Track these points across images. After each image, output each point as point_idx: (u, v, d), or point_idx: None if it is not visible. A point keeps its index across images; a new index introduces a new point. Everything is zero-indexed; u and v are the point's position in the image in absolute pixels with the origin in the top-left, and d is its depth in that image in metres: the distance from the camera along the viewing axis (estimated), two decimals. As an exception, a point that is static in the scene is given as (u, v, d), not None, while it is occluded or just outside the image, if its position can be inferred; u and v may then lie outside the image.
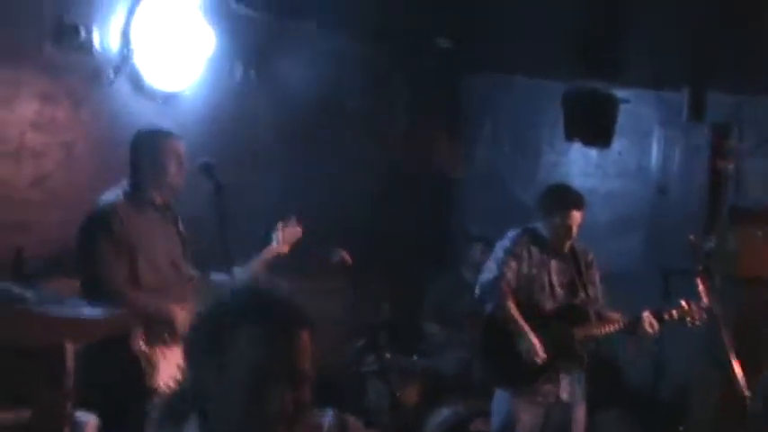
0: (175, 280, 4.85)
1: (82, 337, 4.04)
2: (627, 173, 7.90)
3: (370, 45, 7.34)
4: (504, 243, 5.66)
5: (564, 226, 5.55)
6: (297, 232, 5.21)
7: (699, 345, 6.62)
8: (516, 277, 5.56)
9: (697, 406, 6.77)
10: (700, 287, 5.58)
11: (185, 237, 4.95)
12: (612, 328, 5.64)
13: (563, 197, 5.67)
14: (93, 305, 4.19)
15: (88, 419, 4.52)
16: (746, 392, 5.10)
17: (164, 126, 4.96)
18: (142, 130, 4.88)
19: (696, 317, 5.64)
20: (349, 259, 5.51)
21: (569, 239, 5.63)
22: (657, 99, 7.72)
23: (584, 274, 5.71)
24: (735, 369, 5.16)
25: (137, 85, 5.78)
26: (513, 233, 5.69)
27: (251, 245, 5.06)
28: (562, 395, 5.57)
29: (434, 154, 8.16)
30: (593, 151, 7.76)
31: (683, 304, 5.67)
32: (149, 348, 4.66)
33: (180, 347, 4.67)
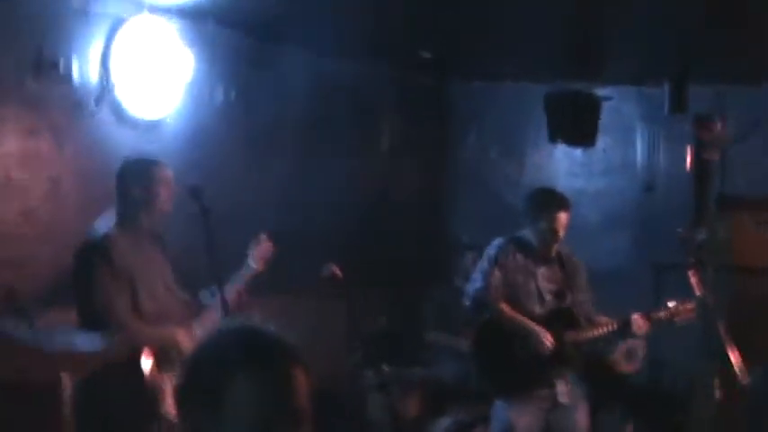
0: (172, 305, 4.86)
1: (78, 369, 4.03)
2: (613, 170, 7.94)
3: (353, 61, 7.34)
4: (489, 252, 5.65)
5: (550, 229, 5.54)
6: (269, 248, 5.15)
7: (696, 338, 6.62)
8: (502, 286, 5.56)
9: (697, 399, 6.76)
10: (692, 280, 5.57)
11: (175, 261, 4.97)
12: (602, 331, 5.62)
13: (548, 200, 5.65)
14: (87, 335, 4.16)
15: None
16: (745, 382, 5.10)
17: (147, 154, 4.98)
18: (129, 158, 4.88)
19: (684, 316, 5.63)
20: (340, 274, 5.50)
21: (556, 242, 5.62)
22: (639, 94, 7.77)
23: (571, 279, 5.70)
24: (732, 359, 5.16)
25: (118, 114, 5.76)
26: (497, 242, 5.68)
27: (236, 267, 5.02)
28: (560, 399, 5.56)
29: (423, 164, 8.17)
30: (577, 151, 7.80)
31: (669, 306, 5.65)
32: (157, 374, 4.64)
33: None
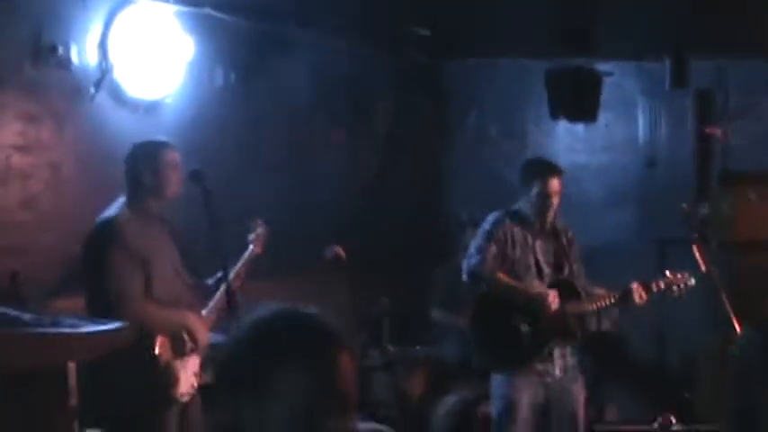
0: (182, 289, 4.88)
1: (84, 356, 4.00)
2: (614, 146, 7.91)
3: (351, 41, 7.31)
4: (485, 227, 5.65)
5: (543, 194, 5.54)
6: (266, 231, 5.21)
7: (700, 312, 6.63)
8: (499, 261, 5.54)
9: (702, 373, 6.77)
10: (696, 255, 5.57)
11: (183, 244, 4.96)
12: (603, 302, 5.63)
13: (540, 165, 5.73)
14: (93, 322, 4.15)
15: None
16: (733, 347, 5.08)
17: (155, 137, 4.95)
18: (138, 142, 4.86)
19: (681, 285, 5.63)
20: (344, 254, 5.50)
21: (550, 210, 5.60)
22: (639, 69, 7.74)
23: (567, 251, 5.70)
24: (737, 334, 5.15)
25: (118, 98, 5.75)
26: (493, 216, 5.68)
27: (238, 250, 5.03)
28: (556, 372, 5.56)
29: (421, 143, 8.15)
30: (579, 127, 7.77)
31: (667, 274, 5.66)
32: (170, 358, 4.69)
33: (197, 356, 4.80)
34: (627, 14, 6.50)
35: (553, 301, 5.44)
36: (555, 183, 5.56)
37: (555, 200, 5.59)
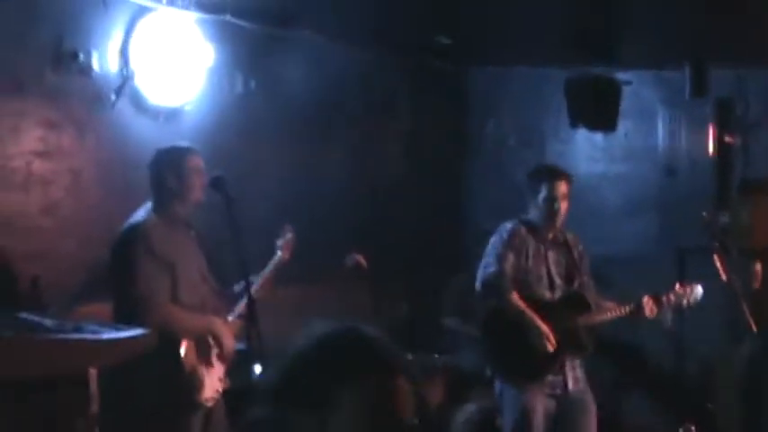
0: (209, 294, 4.92)
1: (105, 362, 4.00)
2: (634, 155, 7.88)
3: (370, 48, 7.31)
4: (502, 236, 5.60)
5: (550, 198, 5.48)
6: (292, 238, 5.26)
7: (720, 320, 6.60)
8: (515, 270, 5.50)
9: (722, 383, 6.73)
10: (717, 264, 5.55)
11: (209, 250, 4.99)
12: (614, 314, 5.58)
13: (546, 169, 5.72)
14: (115, 328, 4.15)
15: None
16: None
17: (179, 143, 5.00)
18: (162, 148, 4.90)
19: (690, 298, 5.60)
20: (364, 263, 5.49)
21: (558, 215, 5.52)
22: (659, 78, 7.71)
23: (578, 264, 5.66)
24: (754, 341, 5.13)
25: (139, 104, 5.77)
26: (509, 225, 5.63)
27: (259, 256, 5.04)
28: (568, 384, 5.51)
29: (440, 150, 8.14)
30: (598, 136, 7.75)
31: (677, 287, 5.63)
32: (195, 362, 4.71)
33: (223, 362, 4.83)
34: (646, 23, 6.49)
35: (552, 343, 5.40)
36: (562, 186, 5.51)
37: (563, 204, 5.52)
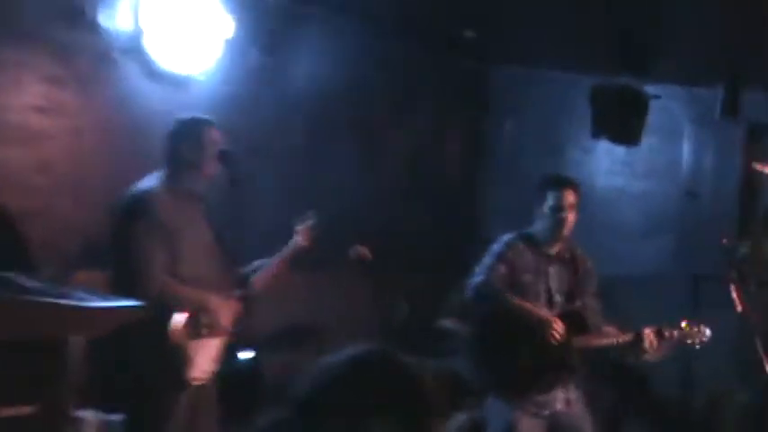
0: (213, 272, 4.86)
1: (88, 330, 3.94)
2: (656, 172, 7.82)
3: (392, 37, 7.24)
4: (495, 247, 5.51)
5: (557, 207, 5.35)
6: (313, 225, 5.30)
7: (731, 353, 6.51)
8: (505, 284, 5.40)
9: (728, 420, 6.66)
10: (733, 294, 5.46)
11: (220, 227, 4.94)
12: (611, 341, 5.44)
13: (554, 178, 5.58)
14: (104, 297, 4.08)
15: (92, 418, 4.48)
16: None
17: (180, 112, 4.95)
18: (182, 117, 4.87)
19: (697, 340, 5.45)
20: (368, 255, 5.43)
21: (564, 227, 5.39)
22: (689, 95, 7.66)
23: (582, 281, 5.54)
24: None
25: (147, 68, 5.72)
26: (506, 237, 5.53)
27: (267, 235, 5.01)
28: (557, 406, 5.40)
29: (456, 150, 8.06)
30: (620, 149, 7.66)
31: (683, 326, 5.46)
32: (186, 338, 4.67)
33: (217, 340, 4.80)
34: (682, 37, 6.43)
35: (558, 329, 5.31)
36: (569, 195, 5.38)
37: (569, 215, 5.38)
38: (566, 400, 5.42)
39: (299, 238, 5.25)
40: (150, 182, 4.74)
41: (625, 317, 5.64)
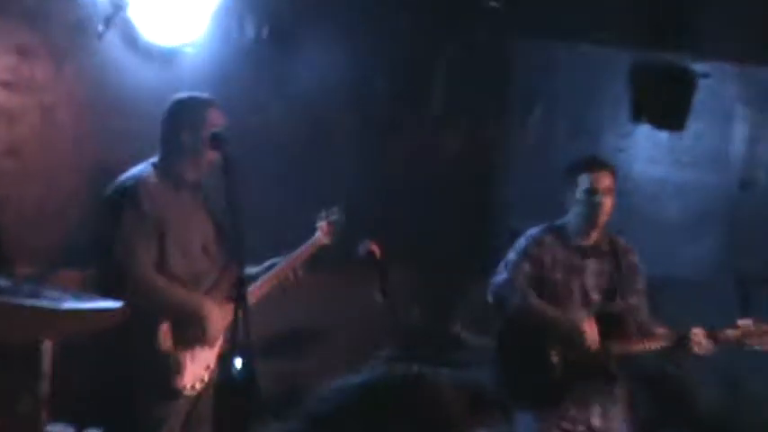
0: (208, 269, 4.91)
1: (62, 334, 3.95)
2: (703, 161, 7.78)
3: (400, 7, 7.23)
4: (520, 243, 5.57)
5: (591, 191, 5.37)
6: (340, 222, 5.40)
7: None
8: (532, 281, 5.46)
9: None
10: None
11: (222, 221, 4.96)
12: (656, 345, 5.42)
13: (586, 159, 5.57)
14: (80, 297, 4.11)
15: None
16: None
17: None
18: (180, 97, 4.90)
19: (759, 340, 5.38)
20: (378, 252, 5.42)
21: (600, 213, 5.40)
22: (742, 74, 7.62)
23: (625, 277, 5.53)
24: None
25: (130, 39, 5.74)
26: (533, 231, 5.60)
27: (262, 227, 5.00)
28: (593, 422, 5.41)
29: (475, 136, 8.04)
30: (663, 134, 7.66)
31: (740, 324, 5.39)
32: (176, 345, 4.67)
33: (211, 347, 4.83)
34: (736, 8, 6.41)
35: (592, 335, 5.28)
36: (605, 178, 5.39)
37: (605, 200, 5.39)
38: (603, 414, 5.43)
39: (320, 234, 5.31)
40: (141, 168, 4.77)
41: (663, 323, 5.60)
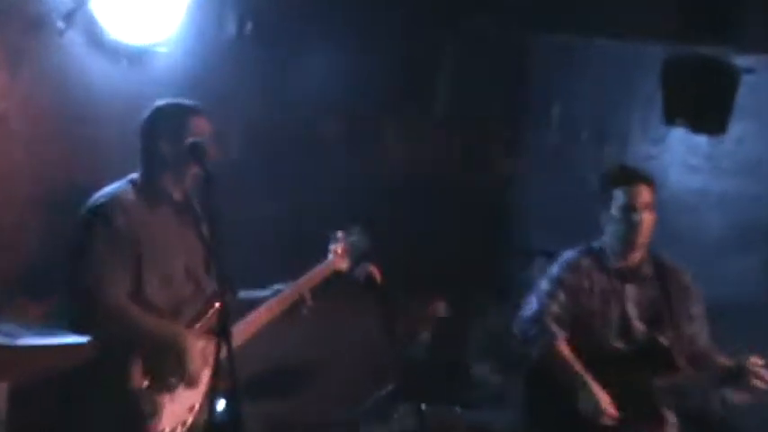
0: (191, 297, 4.92)
1: (19, 376, 3.93)
2: (747, 169, 7.74)
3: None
4: (552, 270, 5.61)
5: (629, 207, 5.39)
6: (362, 244, 5.47)
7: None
8: (567, 313, 5.47)
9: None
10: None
11: (211, 243, 4.91)
12: (704, 376, 5.45)
13: (622, 171, 5.64)
14: (40, 333, 4.12)
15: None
16: None
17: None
18: (161, 103, 4.93)
19: None
20: (378, 276, 5.38)
21: (639, 232, 5.42)
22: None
23: (675, 302, 5.53)
24: None
25: (94, 37, 5.81)
26: (567, 255, 5.64)
27: (254, 244, 5.21)
28: None
29: (489, 142, 8.00)
30: (701, 139, 7.62)
31: None
32: (152, 384, 4.65)
33: (193, 386, 4.81)
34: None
35: (610, 414, 5.27)
36: (643, 192, 5.44)
37: (645, 216, 5.42)
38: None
39: (334, 258, 5.35)
40: (118, 186, 4.82)
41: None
